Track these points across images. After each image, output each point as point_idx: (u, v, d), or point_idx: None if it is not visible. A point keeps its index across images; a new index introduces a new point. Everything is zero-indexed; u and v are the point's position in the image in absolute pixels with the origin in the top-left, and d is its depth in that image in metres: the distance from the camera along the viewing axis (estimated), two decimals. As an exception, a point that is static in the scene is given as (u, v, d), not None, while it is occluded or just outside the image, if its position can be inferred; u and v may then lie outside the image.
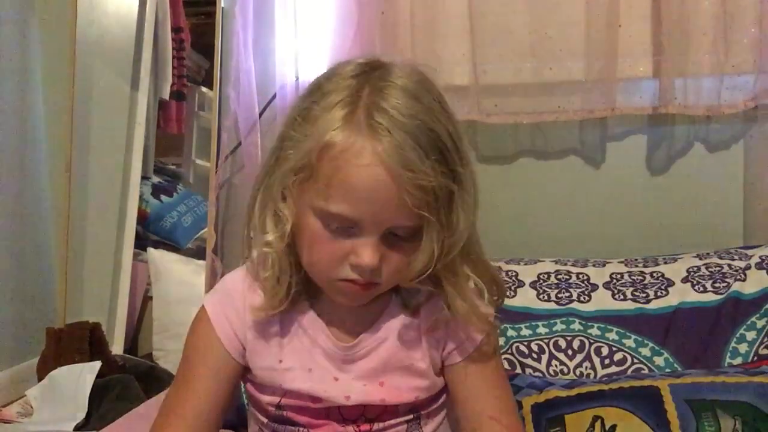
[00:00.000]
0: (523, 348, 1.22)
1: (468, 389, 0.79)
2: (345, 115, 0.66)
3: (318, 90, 0.70)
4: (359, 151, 0.64)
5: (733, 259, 1.30)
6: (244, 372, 0.80)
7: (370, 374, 0.77)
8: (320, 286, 0.74)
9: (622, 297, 1.27)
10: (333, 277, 0.71)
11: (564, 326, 1.25)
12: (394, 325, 0.78)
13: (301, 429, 0.79)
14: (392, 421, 0.78)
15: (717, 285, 1.25)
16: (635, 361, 1.20)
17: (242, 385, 0.84)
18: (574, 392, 1.04)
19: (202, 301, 0.80)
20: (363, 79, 0.68)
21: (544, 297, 1.29)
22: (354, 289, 0.71)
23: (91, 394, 1.55)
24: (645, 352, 1.20)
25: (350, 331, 0.78)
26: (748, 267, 1.26)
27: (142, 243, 2.05)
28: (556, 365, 1.21)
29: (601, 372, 1.19)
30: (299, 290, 0.76)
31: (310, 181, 0.67)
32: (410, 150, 0.64)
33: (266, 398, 0.80)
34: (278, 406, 0.79)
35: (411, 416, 0.79)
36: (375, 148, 0.64)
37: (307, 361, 0.77)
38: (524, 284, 1.31)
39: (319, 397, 0.77)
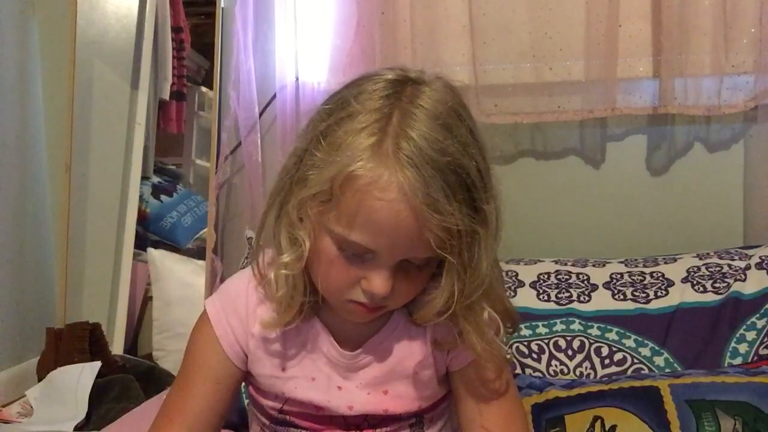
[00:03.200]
0: (523, 348, 1.22)
1: (466, 397, 0.78)
2: (372, 144, 0.63)
3: (344, 108, 0.66)
4: (385, 186, 0.62)
5: (733, 259, 1.30)
6: (246, 377, 0.80)
7: (375, 382, 0.77)
8: (329, 302, 0.73)
9: (622, 297, 1.27)
10: (343, 297, 0.70)
11: (564, 326, 1.25)
12: (399, 333, 0.77)
13: None
14: (395, 426, 0.78)
15: (717, 285, 1.25)
16: (635, 361, 1.20)
17: (244, 386, 0.84)
18: (574, 392, 1.05)
19: (204, 305, 0.80)
20: (392, 102, 0.65)
21: (544, 297, 1.29)
22: (362, 310, 0.70)
23: (91, 394, 1.54)
24: (645, 352, 1.20)
25: (355, 339, 0.77)
26: (748, 267, 1.26)
27: (142, 243, 2.05)
28: (556, 365, 1.21)
29: (601, 372, 1.19)
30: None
31: (329, 206, 0.65)
32: (438, 190, 0.62)
33: (268, 402, 0.80)
34: (280, 411, 0.79)
35: (413, 420, 0.79)
36: (401, 184, 0.62)
37: (310, 370, 0.77)
38: (524, 284, 1.31)
39: (322, 407, 0.77)
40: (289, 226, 0.69)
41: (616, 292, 1.28)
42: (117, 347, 1.89)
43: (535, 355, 1.22)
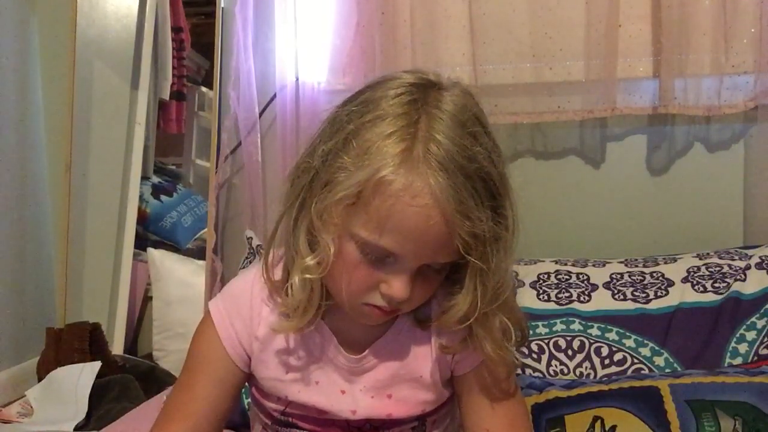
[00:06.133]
0: (523, 348, 1.22)
1: (471, 400, 0.78)
2: (403, 150, 0.63)
3: (370, 111, 0.66)
4: (417, 192, 0.62)
5: (733, 259, 1.30)
6: (249, 378, 0.80)
7: (378, 386, 0.76)
8: (342, 306, 0.72)
9: (622, 297, 1.27)
10: (360, 301, 0.69)
11: (564, 326, 1.25)
12: (404, 337, 0.77)
13: None
14: (397, 429, 0.78)
15: (717, 285, 1.25)
16: (635, 361, 1.20)
17: (247, 387, 0.84)
18: (574, 392, 1.05)
19: (207, 306, 0.79)
20: (419, 107, 0.65)
21: (544, 297, 1.30)
22: (377, 314, 0.70)
23: (91, 394, 1.55)
24: (645, 352, 1.20)
25: (359, 342, 0.76)
26: (748, 267, 1.26)
27: (142, 243, 2.05)
28: (556, 365, 1.21)
29: (601, 372, 1.19)
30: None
31: (354, 210, 0.65)
32: (468, 197, 0.63)
33: (271, 405, 0.79)
34: (283, 413, 0.79)
35: (416, 423, 0.79)
36: (433, 190, 0.62)
37: (314, 374, 0.76)
38: (524, 284, 1.31)
39: (325, 410, 0.76)
40: (309, 228, 0.68)
41: (616, 292, 1.28)
42: (117, 347, 1.89)
43: (535, 355, 1.22)
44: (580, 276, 1.33)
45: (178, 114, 2.22)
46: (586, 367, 1.20)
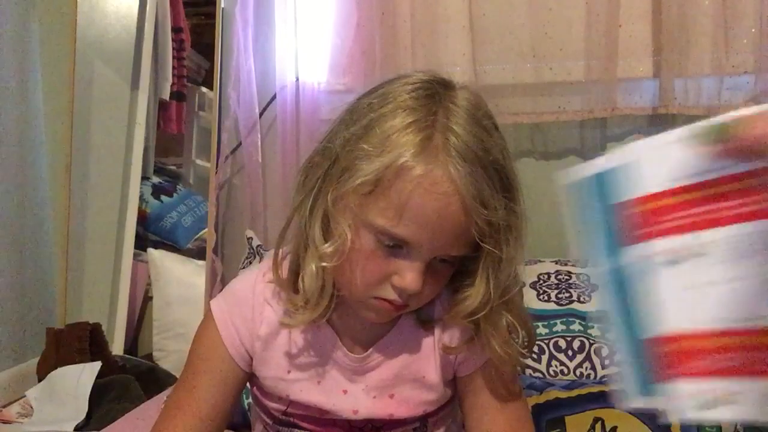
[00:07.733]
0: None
1: (474, 401, 0.78)
2: (422, 139, 0.64)
3: (389, 103, 0.67)
4: (437, 179, 0.63)
5: (733, 260, 1.30)
6: (250, 378, 0.80)
7: (381, 386, 0.76)
8: (350, 300, 0.72)
9: (622, 297, 1.27)
10: (369, 294, 0.69)
11: (564, 326, 1.25)
12: (407, 336, 0.76)
13: None
14: (399, 430, 0.78)
15: (717, 285, 1.25)
16: (635, 361, 1.19)
17: (248, 386, 0.84)
18: (574, 393, 1.05)
19: (209, 305, 0.79)
20: (436, 101, 0.66)
21: (544, 297, 1.30)
22: (387, 308, 0.69)
23: (91, 394, 1.54)
24: (645, 352, 1.20)
25: (362, 341, 0.76)
26: (748, 267, 1.26)
27: (142, 243, 2.06)
28: (556, 366, 1.21)
29: (601, 372, 1.19)
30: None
31: (371, 198, 0.65)
32: (486, 186, 0.64)
33: (272, 404, 0.79)
34: (284, 413, 0.79)
35: (418, 424, 0.79)
36: (453, 178, 0.63)
37: (316, 373, 0.76)
38: (524, 284, 1.31)
39: (327, 410, 0.76)
40: (324, 217, 0.69)
41: (616, 292, 1.28)
42: (117, 347, 1.89)
43: (535, 356, 1.22)
44: (581, 276, 1.33)
45: (178, 114, 2.22)
46: (587, 368, 1.20)
